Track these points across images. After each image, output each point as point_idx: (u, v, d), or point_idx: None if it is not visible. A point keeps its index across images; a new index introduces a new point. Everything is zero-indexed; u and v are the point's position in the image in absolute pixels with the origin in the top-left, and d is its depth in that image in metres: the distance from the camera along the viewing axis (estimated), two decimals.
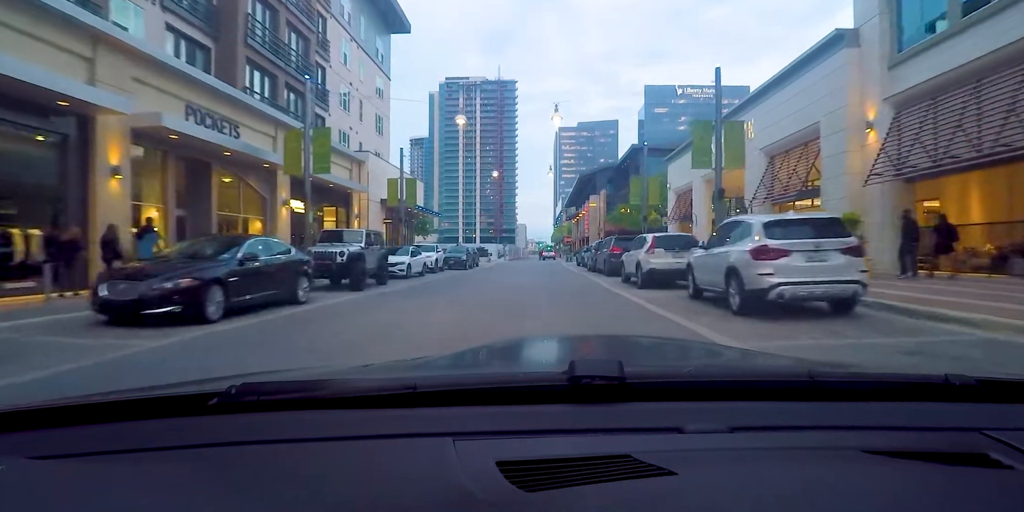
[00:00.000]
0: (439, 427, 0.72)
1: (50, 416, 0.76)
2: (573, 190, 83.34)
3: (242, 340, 6.09)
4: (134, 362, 4.82)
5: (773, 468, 0.63)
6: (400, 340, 5.98)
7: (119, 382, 3.99)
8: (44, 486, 0.60)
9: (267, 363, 4.58)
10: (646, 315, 7.99)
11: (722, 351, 2.12)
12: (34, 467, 0.64)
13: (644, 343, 1.83)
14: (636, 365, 0.92)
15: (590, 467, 0.60)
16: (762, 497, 0.56)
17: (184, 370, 4.40)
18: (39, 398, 0.82)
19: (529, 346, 1.78)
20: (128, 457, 0.67)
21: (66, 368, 4.49)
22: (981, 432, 0.72)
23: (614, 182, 62.13)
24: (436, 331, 6.60)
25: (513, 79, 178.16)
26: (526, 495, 0.54)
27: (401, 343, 5.73)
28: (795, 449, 0.70)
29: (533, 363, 1.50)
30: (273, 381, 0.95)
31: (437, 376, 1.11)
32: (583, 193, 76.02)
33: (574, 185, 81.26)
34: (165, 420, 0.77)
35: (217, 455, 0.68)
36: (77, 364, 4.64)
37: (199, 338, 6.03)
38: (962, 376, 0.84)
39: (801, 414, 0.80)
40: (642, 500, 0.54)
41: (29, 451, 0.67)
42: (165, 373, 4.24)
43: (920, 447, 0.67)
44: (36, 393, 3.54)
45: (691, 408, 0.81)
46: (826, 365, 1.31)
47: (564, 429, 0.73)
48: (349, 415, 0.77)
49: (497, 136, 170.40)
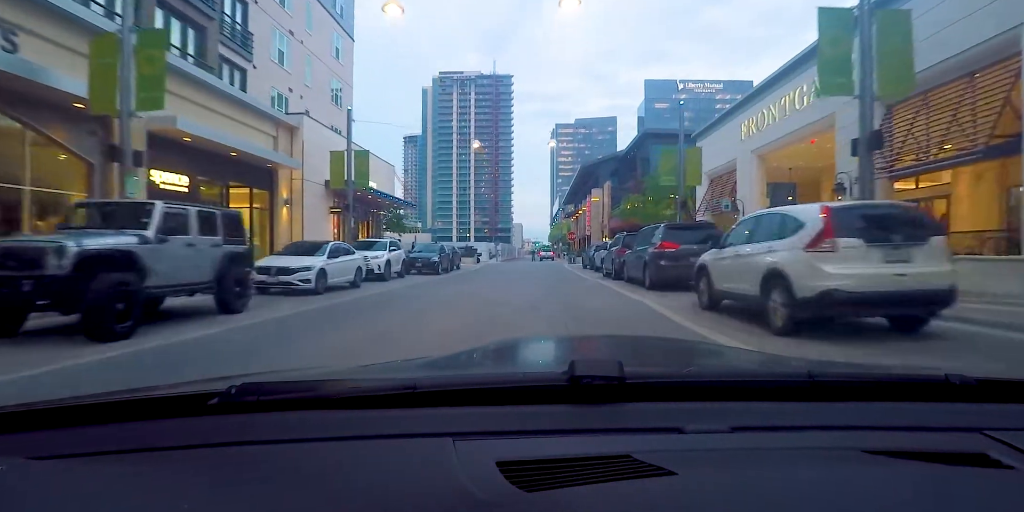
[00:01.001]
0: (439, 427, 0.72)
1: (50, 416, 0.76)
2: (572, 185, 77.03)
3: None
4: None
5: (773, 468, 0.63)
6: None
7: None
8: (44, 486, 0.60)
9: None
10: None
11: (722, 351, 2.26)
12: (34, 467, 0.65)
13: (644, 343, 1.90)
14: (636, 365, 0.93)
15: (590, 467, 0.60)
16: (762, 497, 0.56)
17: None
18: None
19: (529, 346, 1.79)
20: (128, 457, 0.68)
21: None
22: (981, 432, 0.72)
23: (619, 174, 56.00)
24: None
25: (509, 74, 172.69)
26: (526, 495, 0.54)
27: None
28: (795, 449, 0.70)
29: (533, 363, 1.50)
30: (273, 381, 0.93)
31: (437, 376, 1.11)
32: (584, 187, 69.66)
33: (573, 179, 74.90)
34: (165, 420, 0.76)
35: (217, 455, 0.68)
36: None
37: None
38: (962, 376, 0.84)
39: (801, 414, 0.80)
40: (642, 500, 0.55)
41: (29, 451, 0.67)
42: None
43: (920, 447, 0.68)
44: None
45: (691, 408, 0.80)
46: (826, 365, 1.45)
47: (564, 429, 0.73)
48: (349, 415, 0.77)
49: (492, 132, 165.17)
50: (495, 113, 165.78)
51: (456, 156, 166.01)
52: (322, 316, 8.01)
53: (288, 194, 18.91)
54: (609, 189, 54.73)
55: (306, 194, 19.51)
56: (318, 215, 20.54)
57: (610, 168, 57.57)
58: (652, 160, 47.33)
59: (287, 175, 18.79)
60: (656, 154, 45.72)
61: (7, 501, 0.54)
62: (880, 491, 0.57)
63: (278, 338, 6.17)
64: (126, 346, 5.18)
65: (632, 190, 38.59)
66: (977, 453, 0.66)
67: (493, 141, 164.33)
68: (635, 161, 53.35)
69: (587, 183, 66.74)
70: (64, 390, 3.76)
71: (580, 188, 72.66)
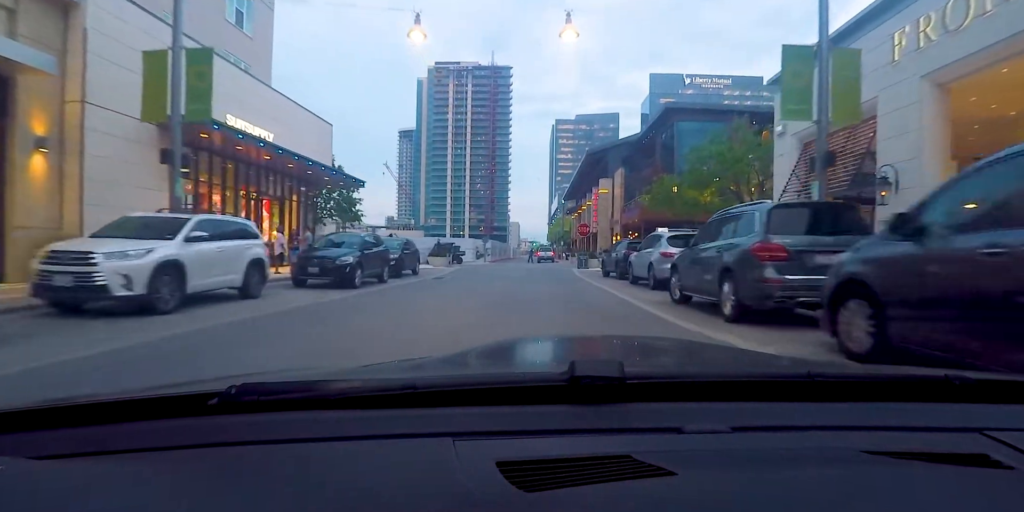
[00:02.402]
0: (439, 427, 0.72)
1: (50, 416, 0.76)
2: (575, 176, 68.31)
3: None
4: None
5: (773, 468, 0.63)
6: None
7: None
8: (44, 486, 0.59)
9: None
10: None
11: (722, 351, 2.28)
12: (34, 467, 0.65)
13: (644, 343, 1.88)
14: (636, 365, 0.98)
15: (590, 467, 0.60)
16: (762, 497, 0.56)
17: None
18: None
19: (529, 346, 1.76)
20: (128, 457, 0.67)
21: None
22: (981, 432, 0.73)
23: (632, 163, 47.08)
24: None
25: (508, 65, 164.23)
26: (526, 495, 0.54)
27: None
28: (795, 449, 0.70)
29: (533, 363, 1.50)
30: (273, 381, 0.92)
31: (437, 376, 1.09)
32: (589, 178, 60.70)
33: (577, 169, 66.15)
34: (165, 420, 0.76)
35: (217, 455, 0.68)
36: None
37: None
38: (962, 376, 0.85)
39: (801, 414, 0.80)
40: (642, 500, 0.54)
41: (29, 451, 0.67)
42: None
43: (920, 447, 0.68)
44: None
45: (691, 408, 0.81)
46: (826, 365, 1.47)
47: (564, 429, 0.73)
48: (349, 415, 0.77)
49: (489, 127, 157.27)
50: (493, 106, 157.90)
51: (451, 150, 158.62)
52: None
53: (52, 129, 9.85)
54: (623, 177, 45.64)
55: (98, 132, 10.43)
56: (135, 173, 11.39)
57: (621, 155, 48.68)
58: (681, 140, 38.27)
59: (50, 92, 9.74)
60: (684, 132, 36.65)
61: (7, 501, 0.54)
62: (880, 491, 0.57)
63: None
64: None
65: (649, 179, 29.59)
66: (977, 453, 0.66)
67: (490, 136, 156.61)
68: (653, 146, 44.54)
69: (593, 173, 57.86)
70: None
71: (585, 180, 63.81)
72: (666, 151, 40.71)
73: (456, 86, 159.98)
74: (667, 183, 23.58)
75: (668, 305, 8.75)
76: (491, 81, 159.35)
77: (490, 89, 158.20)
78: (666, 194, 23.48)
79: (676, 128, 38.86)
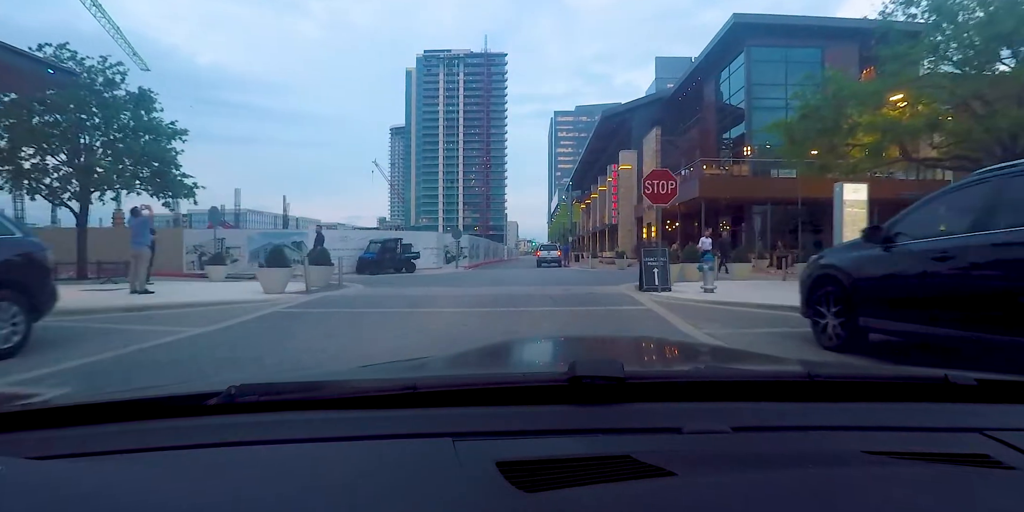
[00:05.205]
0: (439, 427, 0.72)
1: (50, 416, 0.76)
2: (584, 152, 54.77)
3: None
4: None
5: (773, 468, 0.63)
6: None
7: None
8: (44, 486, 0.59)
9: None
10: None
11: (722, 351, 2.27)
12: (34, 467, 0.64)
13: (644, 344, 1.92)
14: (636, 365, 1.01)
15: (590, 467, 0.60)
16: (762, 498, 0.56)
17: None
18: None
19: (530, 347, 1.79)
20: (128, 457, 0.67)
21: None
22: (981, 432, 0.72)
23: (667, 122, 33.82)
24: None
25: (503, 52, 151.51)
26: (526, 495, 0.54)
27: None
28: (795, 449, 0.70)
29: (534, 363, 1.50)
30: (273, 382, 0.93)
31: (437, 376, 1.10)
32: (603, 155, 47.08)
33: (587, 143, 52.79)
34: (165, 420, 0.76)
35: (217, 455, 0.68)
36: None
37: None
38: (962, 376, 0.84)
39: (801, 414, 0.80)
40: (642, 500, 0.54)
41: (29, 451, 0.67)
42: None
43: (920, 447, 0.68)
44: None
45: (691, 408, 0.80)
46: (826, 365, 1.47)
47: (564, 429, 0.73)
48: (349, 415, 0.77)
49: (484, 119, 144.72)
50: (487, 96, 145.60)
51: (443, 145, 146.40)
52: None
53: None
54: (659, 140, 32.12)
55: None
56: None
57: (651, 117, 35.45)
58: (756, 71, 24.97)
59: None
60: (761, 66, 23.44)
61: (7, 501, 0.53)
62: (880, 492, 0.56)
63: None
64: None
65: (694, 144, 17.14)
66: (978, 453, 0.66)
67: (484, 128, 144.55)
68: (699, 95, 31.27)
69: (608, 148, 44.52)
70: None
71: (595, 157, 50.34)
72: (731, 97, 27.58)
73: (447, 76, 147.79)
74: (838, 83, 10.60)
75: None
76: (484, 69, 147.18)
77: (483, 78, 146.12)
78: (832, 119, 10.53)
79: (750, 56, 25.65)
